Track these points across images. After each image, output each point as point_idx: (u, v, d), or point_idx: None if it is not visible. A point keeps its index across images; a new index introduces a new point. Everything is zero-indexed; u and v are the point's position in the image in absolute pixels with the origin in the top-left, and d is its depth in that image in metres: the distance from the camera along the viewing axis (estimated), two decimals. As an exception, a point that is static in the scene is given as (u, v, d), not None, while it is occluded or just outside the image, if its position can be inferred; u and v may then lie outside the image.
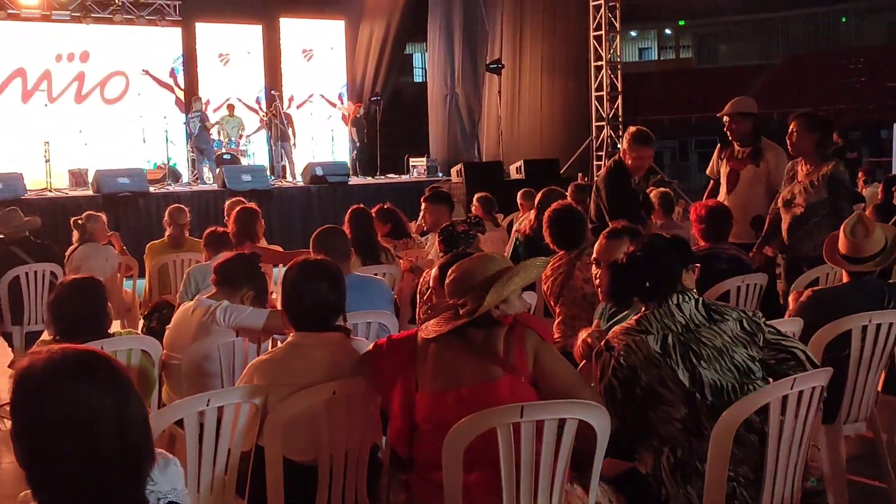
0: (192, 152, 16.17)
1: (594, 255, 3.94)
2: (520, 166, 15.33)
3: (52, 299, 3.92)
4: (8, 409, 1.84)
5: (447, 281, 3.09)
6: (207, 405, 3.03)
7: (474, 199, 8.99)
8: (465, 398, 2.89)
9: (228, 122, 16.68)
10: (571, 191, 8.20)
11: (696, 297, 3.13)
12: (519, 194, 9.45)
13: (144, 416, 1.91)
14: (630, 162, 6.24)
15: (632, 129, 6.46)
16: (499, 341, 2.99)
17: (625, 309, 3.51)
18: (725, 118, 6.54)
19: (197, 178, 15.87)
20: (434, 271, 3.54)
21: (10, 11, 15.99)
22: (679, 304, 3.08)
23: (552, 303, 5.05)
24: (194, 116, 15.90)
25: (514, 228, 7.86)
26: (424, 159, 17.54)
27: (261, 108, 18.06)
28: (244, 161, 16.27)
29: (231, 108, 17.07)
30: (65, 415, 1.77)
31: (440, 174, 16.57)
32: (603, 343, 3.18)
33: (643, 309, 3.16)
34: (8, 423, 1.84)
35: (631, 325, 3.13)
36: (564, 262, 4.97)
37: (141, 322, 6.89)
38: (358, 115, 17.92)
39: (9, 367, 7.44)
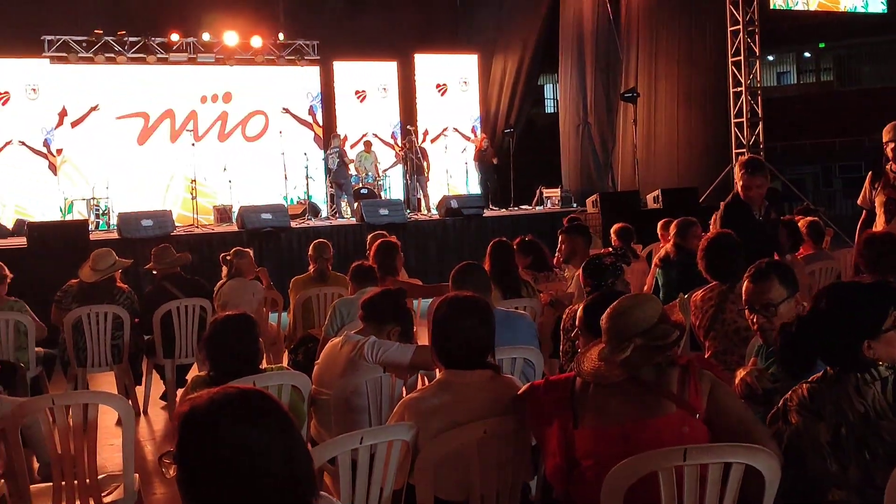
0: (331, 187, 16.53)
1: (744, 300, 3.70)
2: (657, 196, 15.07)
3: (207, 336, 4.01)
4: (170, 456, 1.85)
5: (603, 323, 3.01)
6: (360, 443, 3.04)
7: (612, 230, 8.85)
8: (631, 433, 2.82)
9: (365, 159, 16.98)
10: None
11: (884, 374, 2.66)
12: (659, 224, 9.27)
13: (308, 452, 1.92)
14: (743, 193, 6.01)
15: (742, 158, 6.22)
16: (672, 380, 2.90)
17: (805, 375, 2.92)
18: (890, 143, 6.20)
19: (335, 213, 16.21)
20: (580, 311, 3.47)
21: (159, 56, 16.76)
22: (859, 386, 2.65)
23: (701, 336, 4.86)
24: (333, 152, 16.26)
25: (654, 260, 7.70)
26: (558, 190, 17.46)
27: (396, 143, 18.36)
28: (381, 195, 16.54)
29: (368, 144, 17.38)
30: (234, 457, 1.79)
31: (574, 205, 16.46)
32: (761, 387, 3.03)
33: (824, 372, 2.78)
34: (172, 471, 1.85)
35: (804, 396, 2.76)
36: (716, 294, 4.75)
37: (286, 356, 7.03)
38: (483, 149, 17.96)
39: (161, 398, 7.74)
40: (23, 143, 15.94)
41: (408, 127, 18.18)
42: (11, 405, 4.25)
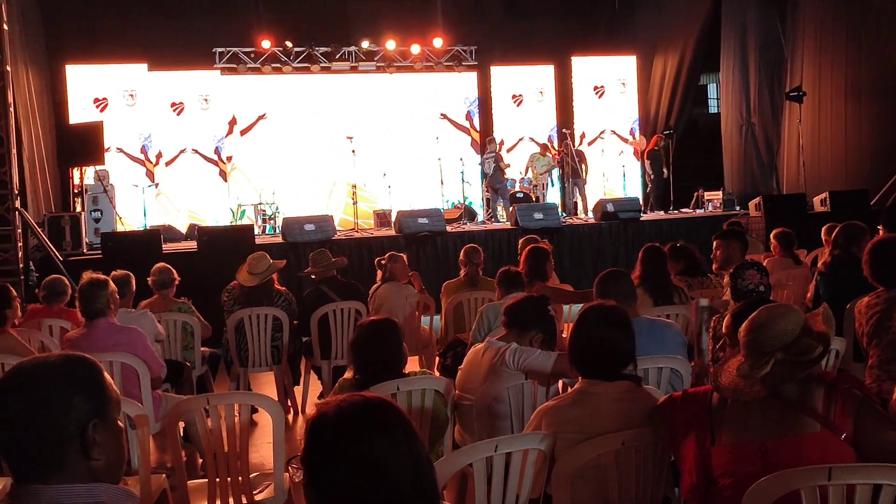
0: (487, 192, 16.62)
1: None
2: (825, 198, 14.45)
3: (353, 340, 4.12)
4: (298, 461, 1.90)
5: (742, 337, 2.91)
6: (495, 451, 3.05)
7: (772, 235, 8.53)
8: (771, 451, 2.72)
9: (539, 161, 16.92)
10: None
11: None
12: (823, 229, 8.88)
13: (431, 464, 1.92)
14: None
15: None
16: (817, 398, 2.78)
17: None
18: None
19: (491, 217, 16.30)
20: (726, 320, 3.36)
21: (322, 65, 17.29)
22: None
23: (864, 343, 4.64)
24: (489, 157, 16.33)
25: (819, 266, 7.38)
26: (720, 193, 16.98)
27: (553, 147, 18.29)
28: (539, 198, 16.51)
29: (544, 147, 17.35)
30: (357, 467, 1.81)
31: (737, 208, 15.96)
32: None
33: None
34: (299, 476, 1.90)
35: None
36: (883, 301, 4.53)
37: (437, 359, 7.12)
38: (656, 148, 17.61)
39: (318, 397, 7.97)
40: (196, 151, 16.78)
41: (564, 130, 18.07)
42: (175, 402, 4.49)
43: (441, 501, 1.93)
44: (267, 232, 15.31)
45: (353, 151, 15.47)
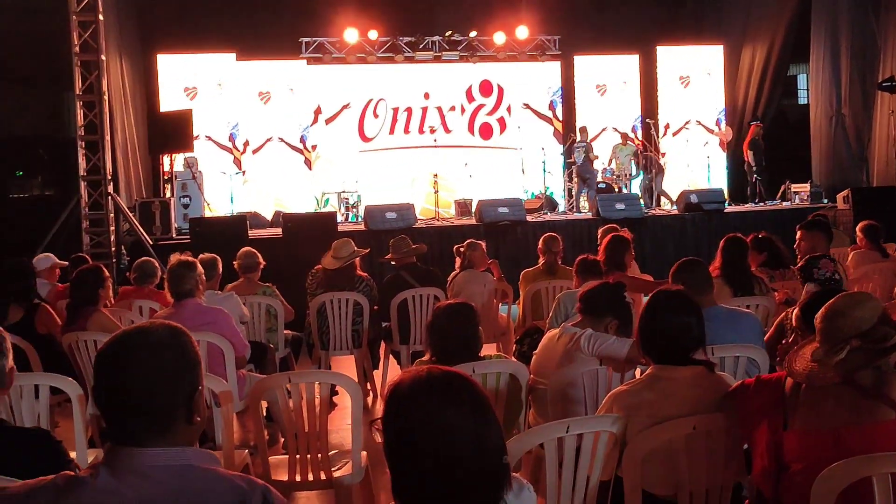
0: (573, 181, 16.51)
1: None
2: (917, 191, 14.07)
3: (430, 322, 4.20)
4: (379, 423, 2.01)
5: (818, 323, 2.90)
6: (567, 432, 3.09)
7: (858, 227, 8.36)
8: (844, 438, 2.71)
9: (621, 151, 16.79)
10: None
11: None
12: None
13: (502, 440, 1.98)
14: None
15: None
16: (893, 386, 2.76)
17: None
18: None
19: (573, 207, 16.23)
20: (796, 309, 3.35)
21: (406, 55, 17.42)
22: None
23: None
24: (580, 146, 16.15)
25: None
26: (807, 185, 16.63)
27: (636, 137, 18.12)
28: (622, 189, 16.39)
29: (624, 136, 17.20)
30: (424, 431, 1.89)
31: (824, 200, 15.63)
32: None
33: None
34: (379, 437, 2.01)
35: None
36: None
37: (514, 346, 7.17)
38: (756, 138, 17.25)
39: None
40: (281, 140, 17.08)
41: (647, 120, 17.91)
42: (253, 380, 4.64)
43: (509, 479, 1.97)
44: (349, 220, 15.52)
45: (436, 141, 15.57)
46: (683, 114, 18.93)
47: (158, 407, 1.92)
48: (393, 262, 8.20)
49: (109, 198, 11.94)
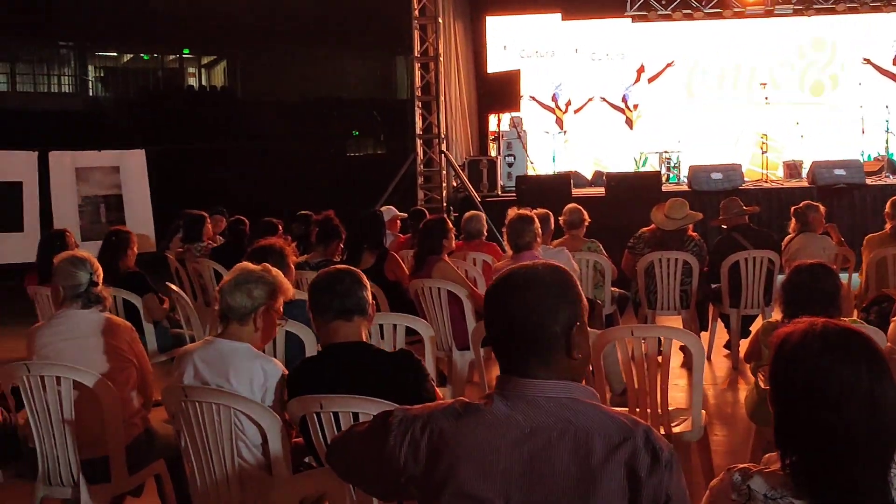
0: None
1: None
2: None
3: (786, 281, 4.07)
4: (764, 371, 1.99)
5: None
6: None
7: None
8: None
9: None
10: None
11: None
12: None
13: None
14: None
15: None
16: None
17: None
18: None
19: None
20: None
21: (735, 10, 16.75)
22: None
23: None
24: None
25: None
26: None
27: None
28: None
29: None
30: (813, 385, 1.86)
31: None
32: None
33: None
34: (763, 383, 1.99)
35: None
36: None
37: (855, 314, 6.78)
38: None
39: (724, 346, 7.92)
40: (603, 100, 17.06)
41: None
42: (592, 336, 4.72)
43: None
44: (670, 180, 15.27)
45: (766, 99, 14.90)
46: None
47: (538, 337, 2.01)
48: (723, 226, 8.02)
49: (443, 155, 12.52)
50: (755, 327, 6.42)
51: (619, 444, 1.90)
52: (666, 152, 15.95)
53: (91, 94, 31.16)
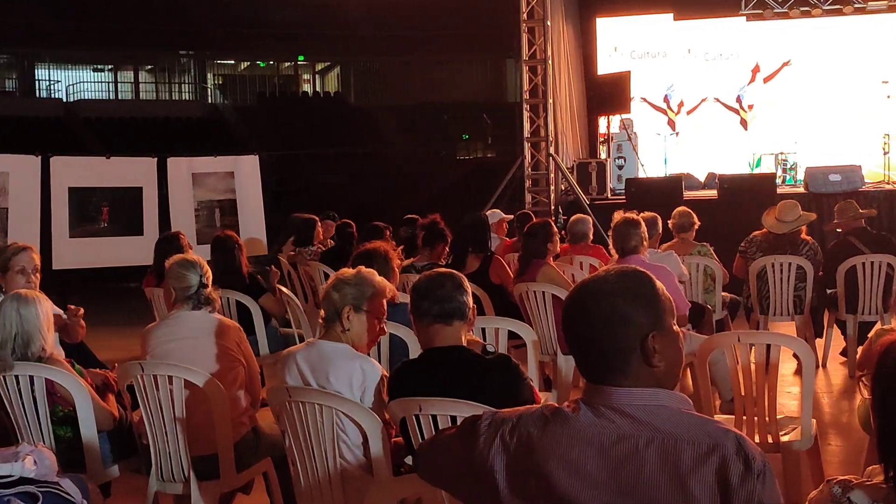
0: None
1: None
2: None
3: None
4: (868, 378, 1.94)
5: None
6: None
7: None
8: None
9: None
10: None
11: None
12: None
13: None
14: None
15: None
16: None
17: None
18: None
19: None
20: None
21: (856, 6, 16.19)
22: None
23: None
24: None
25: None
26: None
27: None
28: None
29: None
30: None
31: None
32: None
33: None
34: (867, 392, 1.94)
35: None
36: None
37: None
38: None
39: (840, 353, 7.68)
40: (717, 100, 16.71)
41: None
42: (699, 342, 4.64)
43: None
44: (786, 182, 14.85)
45: (889, 97, 14.36)
46: None
47: (608, 349, 1.99)
48: (838, 230, 7.78)
49: (551, 158, 12.49)
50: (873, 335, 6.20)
51: (709, 452, 1.86)
52: (782, 153, 15.51)
53: (210, 100, 32.18)
